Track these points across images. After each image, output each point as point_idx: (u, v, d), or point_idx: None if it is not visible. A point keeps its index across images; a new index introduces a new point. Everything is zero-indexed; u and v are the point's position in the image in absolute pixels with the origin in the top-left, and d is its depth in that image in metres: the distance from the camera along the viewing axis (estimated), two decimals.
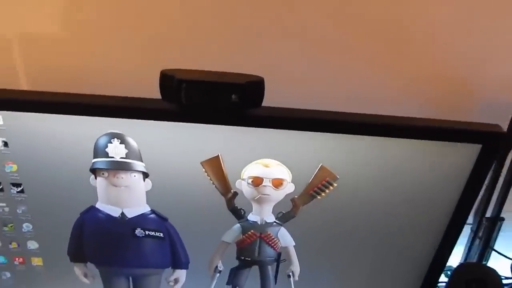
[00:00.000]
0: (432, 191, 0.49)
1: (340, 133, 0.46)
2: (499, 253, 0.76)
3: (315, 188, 0.50)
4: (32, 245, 0.57)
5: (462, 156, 0.46)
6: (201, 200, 0.51)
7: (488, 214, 0.72)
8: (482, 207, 0.72)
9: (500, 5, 0.56)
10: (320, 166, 0.48)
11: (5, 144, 0.48)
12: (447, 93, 0.63)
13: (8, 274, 0.59)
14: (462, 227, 0.51)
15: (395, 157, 0.48)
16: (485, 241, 0.75)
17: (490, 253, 0.76)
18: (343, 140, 0.47)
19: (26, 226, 0.55)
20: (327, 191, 0.50)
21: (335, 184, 0.49)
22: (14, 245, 0.57)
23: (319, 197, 0.50)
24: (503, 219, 0.73)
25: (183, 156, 0.48)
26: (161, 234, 0.54)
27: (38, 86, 0.66)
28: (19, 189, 0.52)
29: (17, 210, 0.54)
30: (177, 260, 0.57)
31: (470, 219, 0.75)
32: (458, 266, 0.68)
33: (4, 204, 0.53)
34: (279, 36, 0.59)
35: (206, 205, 0.52)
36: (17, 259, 0.58)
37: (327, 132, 0.46)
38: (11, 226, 0.55)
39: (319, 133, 0.46)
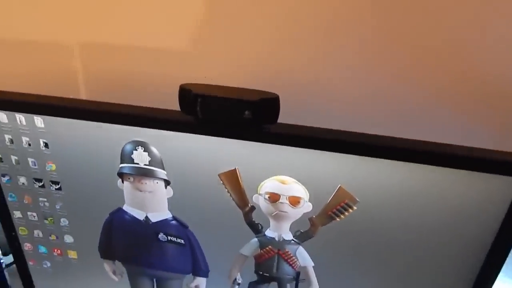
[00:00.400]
0: (464, 225, 0.45)
1: (361, 155, 0.44)
2: None
3: (333, 209, 0.48)
4: (68, 239, 0.61)
5: (500, 189, 0.42)
6: (220, 211, 0.52)
7: None
8: None
9: None
10: (338, 187, 0.46)
11: (46, 145, 0.53)
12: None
13: (48, 263, 0.64)
14: (499, 270, 0.46)
15: (423, 185, 0.44)
16: None
17: None
18: (364, 162, 0.44)
19: (63, 221, 0.59)
20: (346, 213, 0.48)
21: (354, 207, 0.47)
22: (53, 237, 0.61)
23: (338, 219, 0.48)
24: None
25: (201, 167, 0.49)
26: (182, 241, 0.56)
27: (95, 91, 0.72)
28: (57, 186, 0.56)
29: (56, 206, 0.58)
30: (198, 268, 0.58)
31: None
32: None
33: (45, 199, 0.58)
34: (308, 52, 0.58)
35: (225, 217, 0.52)
36: (55, 250, 0.62)
37: (346, 153, 0.44)
38: (51, 220, 0.59)
39: (338, 153, 0.44)
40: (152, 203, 0.54)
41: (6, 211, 0.60)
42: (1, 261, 0.66)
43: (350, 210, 0.47)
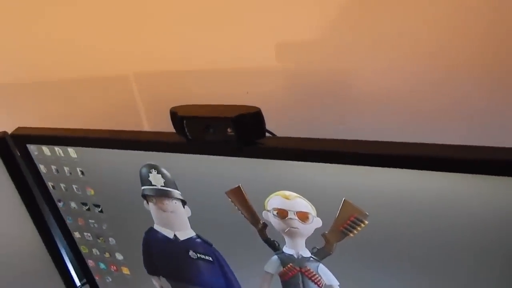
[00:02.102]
0: (493, 236, 0.37)
1: (362, 165, 0.39)
2: None
3: (344, 224, 0.44)
4: (119, 256, 0.66)
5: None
6: (237, 229, 0.51)
7: None
8: None
9: None
10: (343, 200, 0.42)
11: (82, 173, 0.58)
12: None
13: (109, 278, 0.70)
14: None
15: (442, 194, 0.38)
16: None
17: None
18: (367, 172, 0.40)
19: (111, 240, 0.64)
20: (358, 228, 0.43)
21: (366, 222, 0.42)
22: (107, 254, 0.67)
23: (351, 234, 0.44)
24: None
25: (209, 186, 0.49)
26: (210, 258, 0.56)
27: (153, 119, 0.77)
28: (99, 209, 0.61)
29: (103, 227, 0.63)
30: (230, 285, 0.57)
31: None
32: None
33: (93, 221, 0.63)
34: None
35: (243, 234, 0.51)
36: (112, 266, 0.68)
37: (344, 164, 0.40)
38: (102, 239, 0.65)
39: (334, 164, 0.40)
40: (176, 222, 0.55)
41: (68, 232, 0.67)
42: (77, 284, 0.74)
43: (362, 225, 0.42)
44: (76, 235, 0.67)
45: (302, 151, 0.40)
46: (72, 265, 0.73)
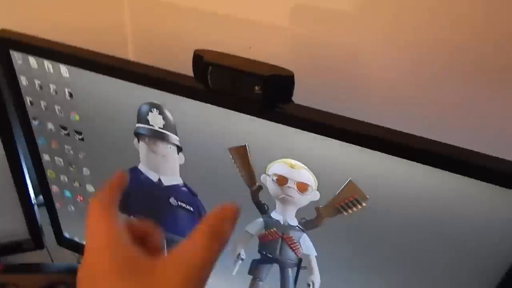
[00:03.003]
0: (486, 241, 0.40)
1: (379, 151, 0.40)
2: None
3: (341, 203, 0.45)
4: (90, 188, 0.63)
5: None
6: (229, 185, 0.50)
7: None
8: None
9: None
10: (348, 181, 0.43)
11: (70, 95, 0.54)
12: None
13: (72, 208, 0.67)
14: None
15: (446, 193, 0.40)
16: None
17: None
18: (380, 159, 0.40)
19: (85, 171, 0.61)
20: (354, 209, 0.44)
21: (364, 204, 0.44)
22: (76, 184, 0.64)
23: (345, 213, 0.45)
24: None
25: (213, 138, 0.48)
26: (191, 208, 0.56)
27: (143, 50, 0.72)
28: (80, 137, 0.57)
29: (79, 155, 0.60)
30: None
31: None
32: None
33: (69, 147, 0.60)
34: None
35: (233, 192, 0.51)
36: (78, 197, 0.65)
37: (362, 146, 0.40)
38: (75, 167, 0.62)
39: (354, 145, 0.40)
40: (165, 167, 0.54)
41: (37, 152, 0.63)
42: (33, 200, 0.71)
43: (359, 206, 0.44)
44: (45, 157, 0.63)
45: (325, 125, 0.40)
46: (33, 187, 0.69)
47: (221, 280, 0.59)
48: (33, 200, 0.71)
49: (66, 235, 0.73)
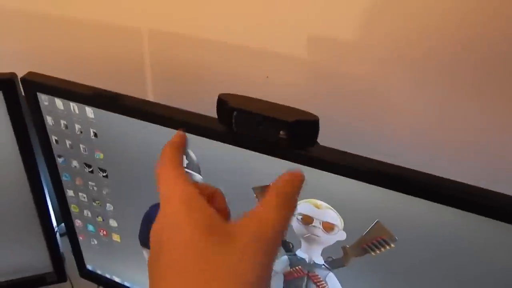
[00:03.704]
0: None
1: (406, 194, 0.40)
2: None
3: (369, 243, 0.44)
4: (113, 223, 0.64)
5: None
6: None
7: None
8: None
9: None
10: (376, 222, 0.42)
11: (95, 135, 0.55)
12: None
13: (95, 241, 0.68)
14: None
15: (472, 235, 0.39)
16: None
17: None
18: (408, 201, 0.40)
19: (109, 206, 0.62)
20: (382, 249, 0.44)
21: (392, 245, 0.43)
22: (100, 219, 0.64)
23: (372, 253, 0.44)
24: None
25: (236, 177, 0.48)
26: None
27: (162, 80, 0.74)
28: (104, 174, 0.58)
29: (103, 191, 0.60)
30: None
31: None
32: None
33: (93, 184, 0.60)
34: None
35: None
36: (101, 231, 0.66)
37: (389, 189, 0.40)
38: (98, 203, 0.62)
39: (380, 187, 0.40)
40: None
41: (61, 187, 0.64)
42: (56, 229, 0.71)
43: (387, 247, 0.43)
44: (69, 193, 0.64)
45: (349, 167, 0.40)
46: (56, 220, 0.70)
47: None
48: (57, 234, 0.72)
49: (89, 267, 0.74)
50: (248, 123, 0.40)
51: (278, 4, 0.58)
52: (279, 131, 0.38)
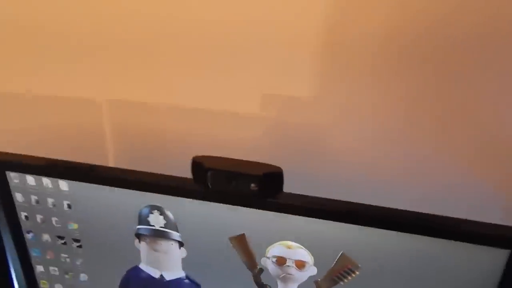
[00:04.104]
0: None
1: (360, 225, 0.46)
2: None
3: (337, 273, 0.50)
4: None
5: (491, 260, 0.44)
6: (231, 272, 0.54)
7: None
8: None
9: None
10: (341, 253, 0.49)
11: (69, 206, 0.57)
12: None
13: None
14: None
15: (421, 254, 0.46)
16: None
17: None
18: (365, 231, 0.47)
19: (83, 276, 0.63)
20: (349, 277, 0.50)
21: (357, 272, 0.49)
22: None
23: (341, 282, 0.50)
24: None
25: (213, 230, 0.52)
26: None
27: (123, 146, 0.77)
28: (78, 244, 0.60)
29: (76, 262, 0.61)
30: None
31: None
32: None
33: (66, 255, 0.61)
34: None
35: (235, 278, 0.55)
36: None
37: (347, 223, 0.47)
38: (71, 275, 0.63)
39: (339, 222, 0.47)
40: (167, 263, 0.57)
41: (29, 265, 0.64)
42: None
43: (353, 275, 0.49)
44: (39, 268, 0.64)
45: (314, 209, 0.46)
46: None
47: None
48: None
49: None
50: (222, 180, 0.45)
51: (233, 68, 0.66)
52: (250, 184, 0.44)
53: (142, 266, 0.58)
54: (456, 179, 0.62)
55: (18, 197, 0.58)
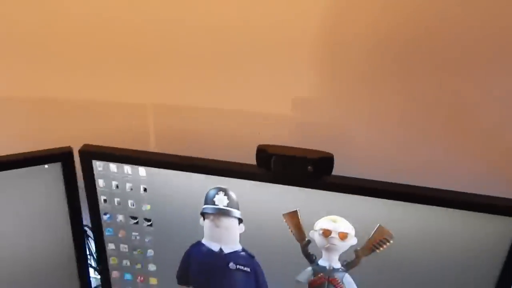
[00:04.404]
0: (477, 258, 0.57)
1: (394, 200, 0.58)
2: None
3: (374, 243, 0.61)
4: (152, 267, 0.74)
5: (504, 228, 0.55)
6: (282, 245, 0.65)
7: None
8: None
9: None
10: (378, 225, 0.59)
11: (145, 190, 0.68)
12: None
13: None
14: None
15: (444, 225, 0.57)
16: None
17: None
18: (398, 206, 0.58)
19: (150, 252, 0.73)
20: (384, 246, 0.60)
21: (391, 241, 0.60)
22: (139, 265, 0.75)
23: (377, 251, 0.61)
24: None
25: (269, 208, 0.63)
26: (248, 269, 0.69)
27: (164, 147, 0.88)
28: (149, 223, 0.70)
29: (145, 239, 0.72)
30: None
31: None
32: None
33: (137, 234, 0.72)
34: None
35: (286, 249, 0.65)
36: (139, 277, 0.76)
37: (383, 198, 0.58)
38: (140, 251, 0.73)
39: (377, 198, 0.58)
40: (227, 237, 0.67)
41: (102, 243, 0.74)
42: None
43: (388, 244, 0.60)
44: (111, 246, 0.74)
45: (357, 187, 0.57)
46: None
47: None
48: None
49: None
50: (284, 163, 0.57)
51: (263, 74, 0.76)
52: (308, 167, 0.55)
53: (204, 241, 0.69)
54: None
55: (100, 182, 0.69)
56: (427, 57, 0.67)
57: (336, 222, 0.61)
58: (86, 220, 0.74)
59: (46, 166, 0.67)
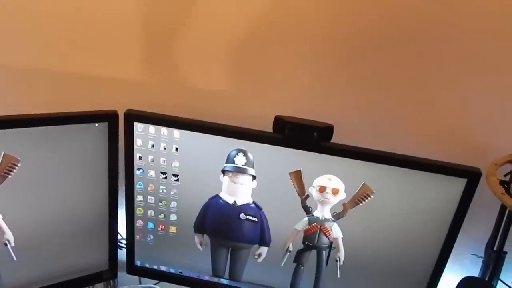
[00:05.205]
0: (430, 213, 0.76)
1: (375, 162, 0.76)
2: (504, 283, 0.97)
3: (358, 197, 0.79)
4: (173, 217, 0.89)
5: (454, 188, 0.74)
6: (285, 198, 0.82)
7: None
8: (491, 241, 0.94)
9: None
10: (363, 183, 0.78)
11: (176, 149, 0.83)
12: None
13: (151, 237, 0.92)
14: (453, 245, 0.77)
15: (411, 185, 0.76)
16: (491, 273, 0.96)
17: (497, 283, 0.97)
18: (378, 168, 0.76)
19: (173, 204, 0.88)
20: (366, 200, 0.79)
21: (371, 196, 0.78)
22: (161, 216, 0.90)
23: (360, 204, 0.79)
24: (506, 252, 0.94)
25: (279, 167, 0.80)
26: (256, 219, 0.85)
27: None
28: (176, 178, 0.86)
29: (171, 192, 0.87)
30: (263, 239, 0.86)
31: (482, 253, 0.96)
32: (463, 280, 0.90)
33: (164, 187, 0.87)
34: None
35: (288, 201, 0.82)
36: (160, 226, 0.91)
37: (368, 161, 0.76)
38: (164, 203, 0.88)
39: (363, 161, 0.76)
40: (241, 192, 0.84)
41: (131, 195, 0.89)
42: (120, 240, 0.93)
43: (369, 198, 0.78)
44: (139, 198, 0.89)
45: (348, 152, 0.75)
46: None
47: (272, 271, 0.87)
48: (120, 239, 0.94)
49: (137, 263, 0.96)
50: (296, 130, 0.74)
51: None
52: (314, 133, 0.73)
53: (222, 194, 0.85)
54: None
55: (138, 142, 0.84)
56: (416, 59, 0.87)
57: (331, 181, 0.79)
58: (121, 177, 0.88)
59: (96, 124, 0.81)
